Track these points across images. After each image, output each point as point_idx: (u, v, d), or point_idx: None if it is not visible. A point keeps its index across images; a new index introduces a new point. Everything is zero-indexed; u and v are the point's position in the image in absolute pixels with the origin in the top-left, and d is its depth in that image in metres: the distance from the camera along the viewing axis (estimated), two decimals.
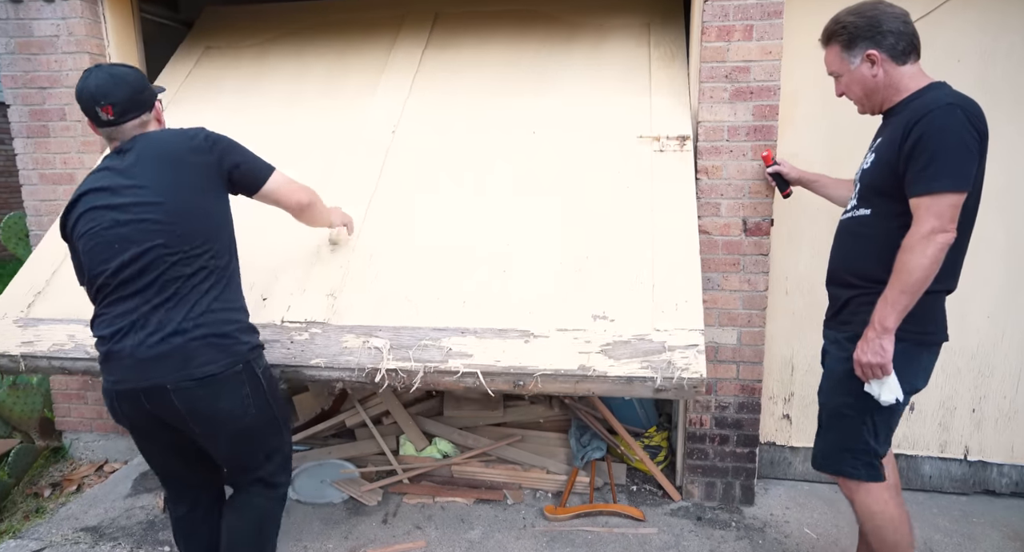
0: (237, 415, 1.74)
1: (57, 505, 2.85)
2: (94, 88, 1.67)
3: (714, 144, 2.49)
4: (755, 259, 2.54)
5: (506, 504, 2.74)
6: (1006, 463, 2.71)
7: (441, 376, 1.95)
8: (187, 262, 1.68)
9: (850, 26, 1.78)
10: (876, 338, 1.69)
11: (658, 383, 1.85)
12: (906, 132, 1.66)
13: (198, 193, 1.72)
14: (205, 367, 1.67)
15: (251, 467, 1.89)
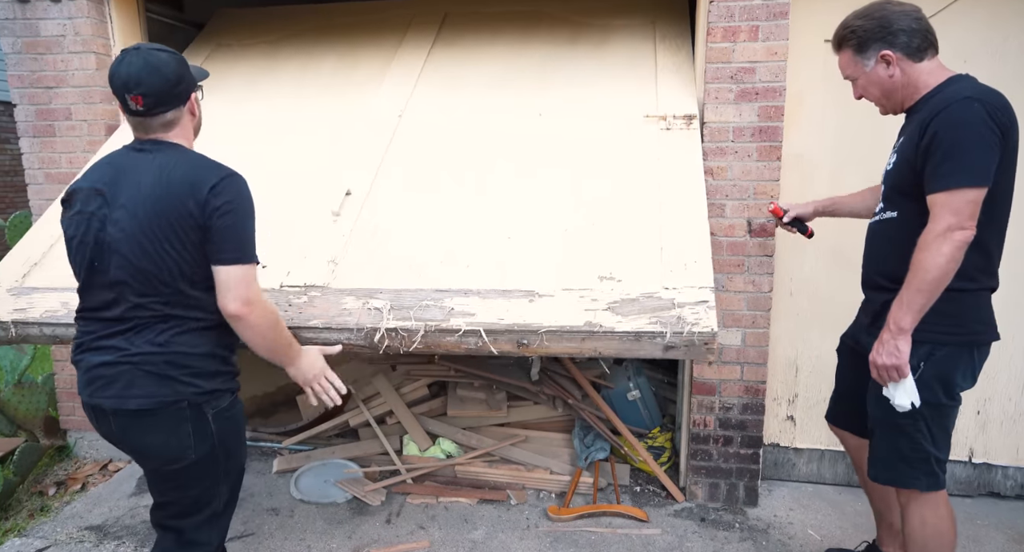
0: (170, 455, 1.62)
1: (62, 504, 2.86)
2: (126, 75, 1.54)
3: (719, 145, 2.49)
4: (760, 260, 2.54)
5: (510, 504, 2.74)
6: (1011, 465, 2.70)
7: (442, 336, 1.88)
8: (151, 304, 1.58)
9: (859, 30, 1.77)
10: (891, 339, 1.66)
11: (667, 338, 1.78)
12: (923, 129, 1.63)
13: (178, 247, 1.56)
14: (140, 399, 1.57)
15: (171, 513, 1.74)
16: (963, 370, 1.73)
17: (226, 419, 1.68)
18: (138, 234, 1.54)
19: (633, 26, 3.03)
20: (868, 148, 2.49)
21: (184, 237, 1.55)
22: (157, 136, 1.63)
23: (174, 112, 1.62)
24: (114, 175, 1.61)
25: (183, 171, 1.56)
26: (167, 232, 1.54)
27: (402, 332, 1.90)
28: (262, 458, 3.15)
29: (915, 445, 1.77)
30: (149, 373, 1.57)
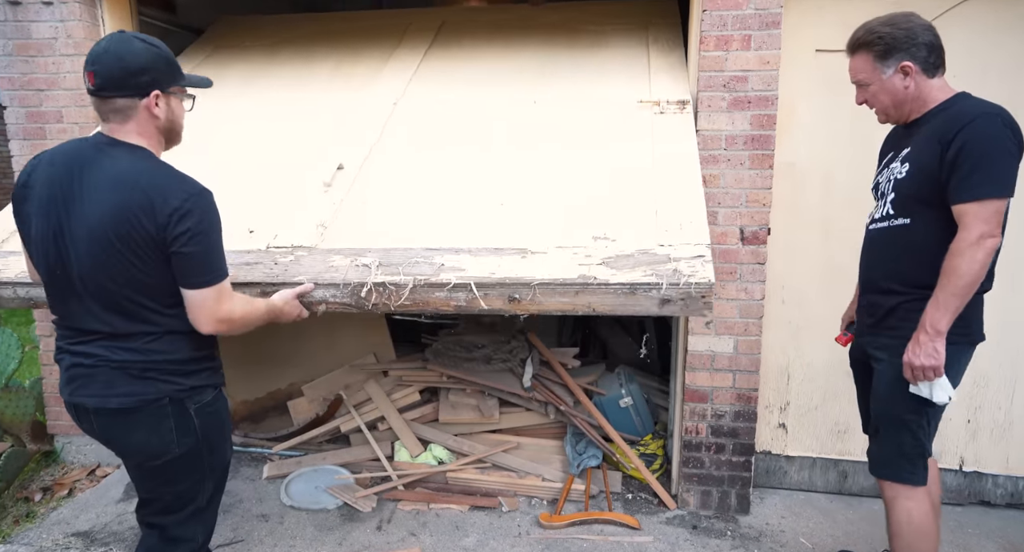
0: (152, 451, 1.61)
1: (48, 510, 2.82)
2: (95, 50, 1.52)
3: (712, 153, 2.50)
4: (752, 268, 2.55)
5: (501, 511, 2.73)
6: (1001, 474, 2.71)
7: (431, 291, 1.84)
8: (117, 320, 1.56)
9: (887, 37, 1.79)
10: (929, 341, 1.72)
11: (663, 290, 1.75)
12: (947, 141, 1.69)
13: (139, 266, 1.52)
14: (121, 398, 1.56)
15: (155, 509, 1.73)
16: (962, 367, 1.84)
17: (209, 414, 1.67)
18: (97, 253, 1.50)
19: (627, 29, 3.11)
20: (858, 157, 2.50)
21: (145, 258, 1.50)
22: (113, 126, 1.56)
23: (125, 100, 1.53)
24: (70, 175, 1.53)
25: (143, 190, 1.48)
26: (126, 254, 1.49)
27: (390, 286, 1.85)
28: (252, 464, 3.12)
29: (916, 441, 1.86)
30: (129, 374, 1.56)
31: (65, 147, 1.60)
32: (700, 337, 2.63)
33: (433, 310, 1.90)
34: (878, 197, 1.95)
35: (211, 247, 1.55)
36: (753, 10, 2.39)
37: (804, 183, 2.62)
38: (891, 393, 1.87)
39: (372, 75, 2.97)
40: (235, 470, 3.06)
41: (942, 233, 1.74)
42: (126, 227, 1.48)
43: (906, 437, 1.87)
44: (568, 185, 2.20)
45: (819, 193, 2.61)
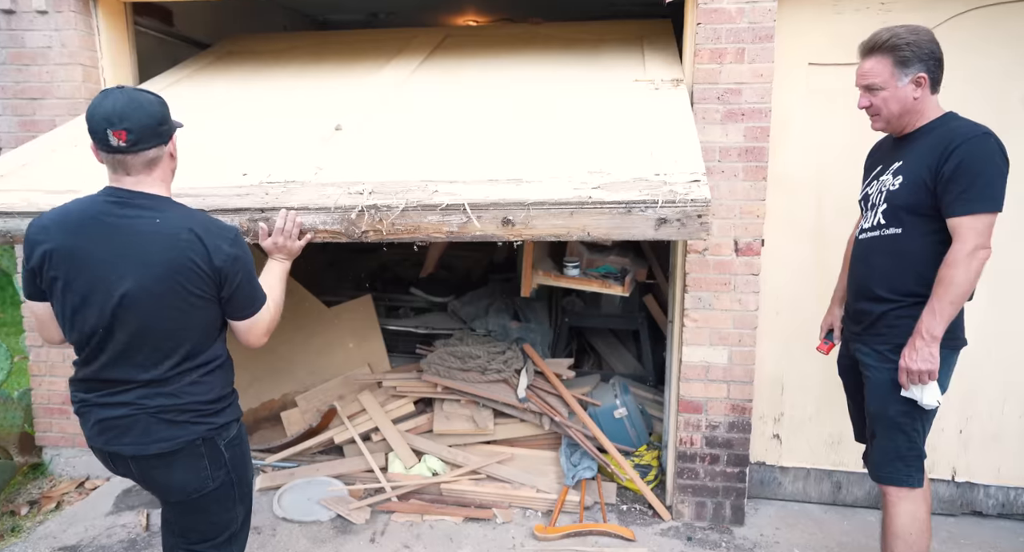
0: (191, 488, 1.69)
1: (35, 523, 2.78)
2: (110, 110, 1.51)
3: (706, 164, 2.50)
4: (746, 279, 2.56)
5: (496, 523, 2.71)
6: (992, 484, 2.73)
7: (424, 214, 1.83)
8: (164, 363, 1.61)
9: (912, 45, 1.83)
10: (926, 346, 1.80)
11: (659, 208, 1.72)
12: (943, 157, 1.78)
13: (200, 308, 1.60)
14: (160, 443, 1.62)
15: (193, 540, 1.80)
16: (950, 371, 1.90)
17: (236, 447, 1.76)
18: (151, 308, 1.56)
19: (622, 39, 3.22)
20: (851, 169, 2.52)
21: (198, 304, 1.60)
22: (140, 178, 1.58)
23: (156, 150, 1.58)
24: (103, 236, 1.55)
25: (194, 240, 1.56)
26: (181, 304, 1.57)
27: (382, 208, 1.84)
28: None
29: (912, 444, 1.93)
30: (164, 420, 1.62)
31: (80, 209, 1.59)
32: (694, 348, 2.63)
33: (424, 238, 1.88)
34: (867, 208, 2.01)
35: (254, 278, 1.69)
36: (747, 24, 2.42)
37: (797, 195, 2.64)
38: (884, 397, 1.93)
39: (375, 69, 3.07)
40: None
41: (932, 243, 1.83)
42: (182, 278, 1.55)
43: (901, 440, 1.92)
44: (564, 136, 2.25)
45: (812, 204, 2.63)
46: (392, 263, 4.98)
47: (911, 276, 1.87)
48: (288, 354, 3.48)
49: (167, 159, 1.64)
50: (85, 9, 2.87)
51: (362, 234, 1.88)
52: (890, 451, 1.95)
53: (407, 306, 4.09)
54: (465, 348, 3.20)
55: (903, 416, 1.90)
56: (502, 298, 3.85)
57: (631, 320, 3.76)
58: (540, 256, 3.39)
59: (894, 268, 1.90)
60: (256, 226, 1.90)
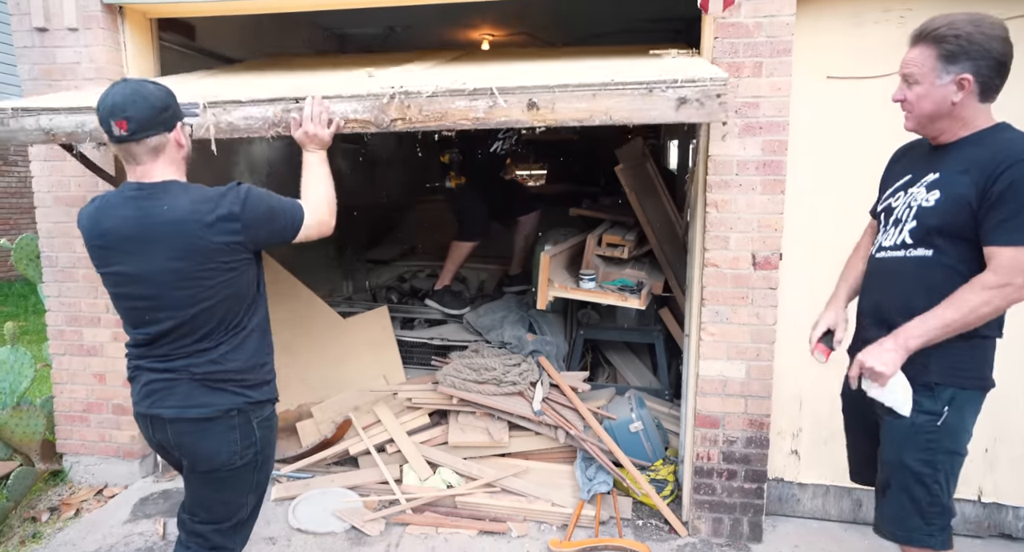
0: (219, 459, 1.76)
1: (55, 530, 2.81)
2: (112, 102, 1.61)
3: (723, 178, 2.51)
4: (764, 293, 2.54)
5: (510, 536, 2.70)
6: (1022, 506, 2.66)
7: (452, 100, 1.94)
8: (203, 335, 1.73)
9: (964, 38, 1.56)
10: (892, 352, 1.60)
11: (679, 86, 1.80)
12: (992, 175, 1.54)
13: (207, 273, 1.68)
14: (199, 408, 1.72)
15: (202, 517, 1.85)
16: (976, 415, 1.70)
17: (267, 428, 1.83)
18: (184, 287, 1.67)
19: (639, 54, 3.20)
20: (870, 183, 2.50)
21: (225, 273, 1.69)
22: (147, 167, 1.68)
23: (159, 138, 1.65)
24: (127, 230, 1.67)
25: (195, 218, 1.64)
26: (209, 277, 1.67)
27: (412, 93, 1.95)
28: None
29: (933, 498, 1.67)
30: (205, 386, 1.73)
31: (110, 204, 1.72)
32: (712, 362, 2.61)
33: (451, 125, 1.98)
34: (888, 222, 1.78)
35: (274, 205, 1.76)
36: (765, 38, 2.42)
37: (816, 209, 2.62)
38: (901, 444, 1.69)
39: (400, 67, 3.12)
40: None
41: (967, 272, 1.60)
42: (200, 257, 1.65)
43: (920, 493, 1.68)
44: (587, 71, 2.26)
45: (832, 219, 2.61)
46: (408, 275, 5.00)
47: (936, 304, 1.62)
48: (303, 365, 3.50)
49: (173, 146, 1.70)
50: (113, 25, 2.94)
51: (391, 122, 1.98)
52: (907, 505, 1.69)
53: (422, 318, 4.11)
54: (480, 360, 3.21)
55: (924, 465, 1.65)
56: (517, 310, 3.85)
57: (647, 333, 3.74)
58: (556, 268, 3.39)
59: (918, 296, 1.65)
60: (288, 116, 2.03)
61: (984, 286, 1.55)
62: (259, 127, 2.12)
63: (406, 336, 3.81)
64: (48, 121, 2.24)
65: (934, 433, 1.65)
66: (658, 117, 1.85)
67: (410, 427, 3.14)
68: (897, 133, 1.91)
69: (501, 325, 3.62)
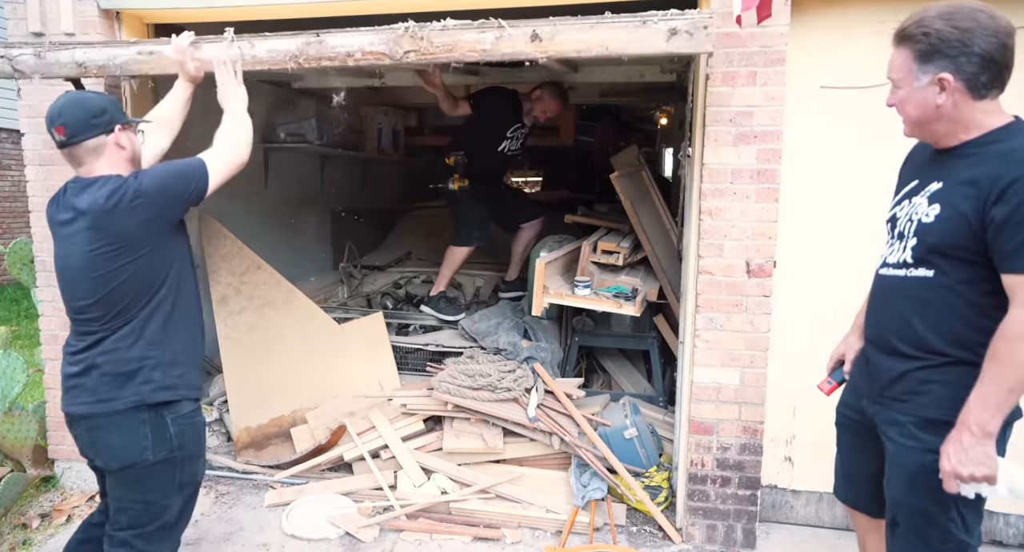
0: (129, 457, 1.77)
1: (45, 536, 2.79)
2: (51, 112, 1.78)
3: (718, 186, 2.53)
4: (758, 300, 2.56)
5: (505, 542, 2.69)
6: (1013, 513, 2.67)
7: (462, 32, 2.08)
8: (108, 313, 1.79)
9: (934, 35, 1.42)
10: (977, 445, 1.39)
11: (670, 18, 1.96)
12: (998, 188, 1.37)
13: (116, 256, 1.76)
14: (106, 403, 1.76)
15: (122, 523, 1.84)
16: (1004, 446, 1.51)
17: (185, 426, 1.84)
18: (91, 276, 1.76)
19: None
20: (864, 192, 2.53)
21: (131, 263, 1.76)
22: (89, 167, 1.80)
23: (96, 140, 1.78)
24: (62, 221, 1.80)
25: (105, 208, 1.73)
26: (117, 268, 1.75)
27: (424, 26, 2.08)
28: (254, 491, 3.09)
29: (945, 535, 1.54)
30: (110, 380, 1.76)
31: (56, 197, 1.88)
32: (706, 369, 2.63)
33: (460, 57, 2.12)
34: (895, 236, 1.64)
35: (174, 175, 1.84)
36: (759, 47, 2.45)
37: (810, 217, 2.64)
38: (909, 483, 1.56)
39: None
40: (236, 498, 3.03)
41: (972, 294, 1.46)
42: (105, 247, 1.74)
43: (932, 533, 1.55)
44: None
45: (825, 227, 2.63)
46: (403, 281, 5.01)
47: (942, 333, 1.49)
48: (298, 370, 3.49)
49: (113, 148, 1.82)
50: (110, 30, 2.95)
51: (404, 54, 2.11)
52: (917, 545, 1.57)
53: (417, 324, 4.11)
54: (475, 366, 3.21)
55: (933, 505, 1.52)
56: (513, 317, 3.86)
57: (642, 340, 3.75)
58: (551, 275, 3.41)
59: (920, 319, 1.53)
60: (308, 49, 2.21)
61: (1016, 328, 1.36)
62: (280, 60, 2.27)
63: (401, 342, 3.81)
64: (82, 54, 2.39)
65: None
66: (651, 47, 2.01)
67: (405, 433, 3.14)
68: (890, 143, 1.93)
69: (496, 331, 3.63)
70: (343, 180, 5.70)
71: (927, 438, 1.52)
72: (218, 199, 3.81)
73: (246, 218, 4.13)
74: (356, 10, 2.92)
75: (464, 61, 2.17)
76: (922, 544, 1.58)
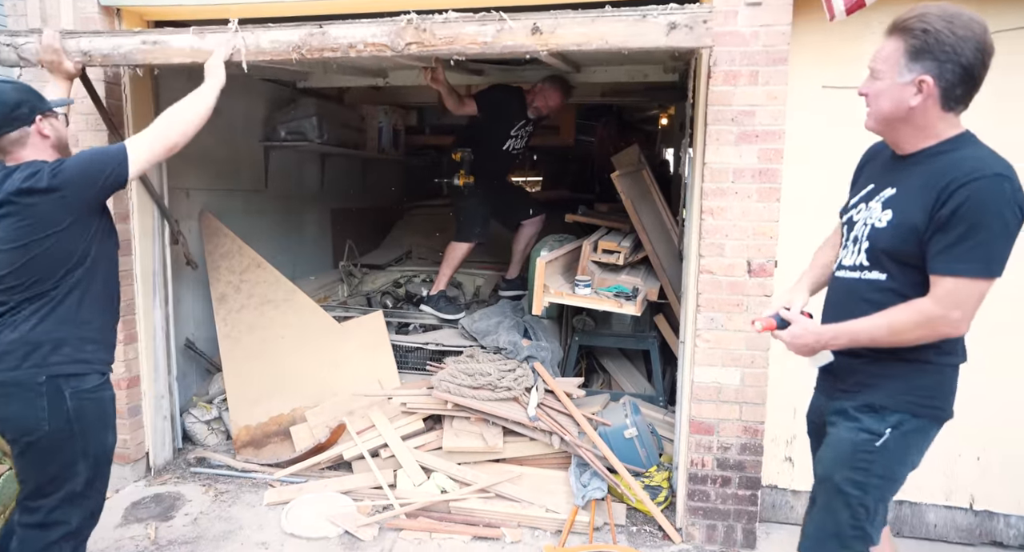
0: (25, 427, 1.83)
1: None
2: None
3: (719, 186, 2.53)
4: (759, 300, 2.55)
5: (505, 542, 2.69)
6: (1013, 514, 2.67)
7: (464, 24, 2.12)
8: (22, 284, 1.84)
9: (932, 33, 1.41)
10: (817, 340, 1.61)
11: (670, 12, 2.00)
12: (942, 197, 1.41)
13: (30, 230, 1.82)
14: (9, 372, 1.81)
15: (28, 492, 1.89)
16: (924, 446, 1.62)
17: (86, 400, 1.88)
18: (4, 237, 1.82)
19: None
20: None
21: (45, 239, 1.81)
22: (16, 156, 1.87)
23: (17, 133, 1.85)
24: None
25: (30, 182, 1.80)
26: (32, 242, 1.81)
27: (427, 17, 2.12)
28: (253, 490, 3.09)
29: (856, 521, 1.61)
30: (18, 350, 1.81)
31: None
32: (706, 368, 2.62)
33: (461, 50, 2.15)
34: (849, 238, 1.69)
35: (93, 161, 1.88)
36: (761, 47, 2.44)
37: (811, 217, 2.63)
38: (835, 459, 1.64)
39: None
40: (235, 496, 3.03)
41: (920, 297, 1.50)
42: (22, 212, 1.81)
43: (843, 515, 1.61)
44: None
45: (826, 227, 2.61)
46: (403, 280, 5.00)
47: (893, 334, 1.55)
48: (298, 369, 3.49)
49: (36, 137, 1.89)
50: (110, 27, 2.94)
51: (406, 46, 2.15)
52: (827, 525, 1.63)
53: (417, 323, 4.11)
54: (476, 365, 3.20)
55: (853, 486, 1.58)
56: (513, 316, 3.85)
57: (642, 339, 3.74)
58: (552, 274, 3.40)
59: None
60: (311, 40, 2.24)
61: (919, 311, 1.47)
62: (283, 50, 2.30)
63: (401, 341, 3.81)
64: (88, 43, 2.43)
65: (871, 454, 1.59)
66: (651, 41, 2.04)
67: (404, 432, 3.13)
68: None
69: (496, 330, 3.62)
70: (343, 179, 5.69)
71: (864, 419, 1.60)
72: (218, 197, 3.87)
73: (246, 216, 4.12)
74: (358, 7, 2.91)
75: (466, 54, 2.20)
76: (832, 524, 1.63)
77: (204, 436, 3.53)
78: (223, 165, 3.95)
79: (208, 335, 3.72)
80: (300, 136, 4.44)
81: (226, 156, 4.03)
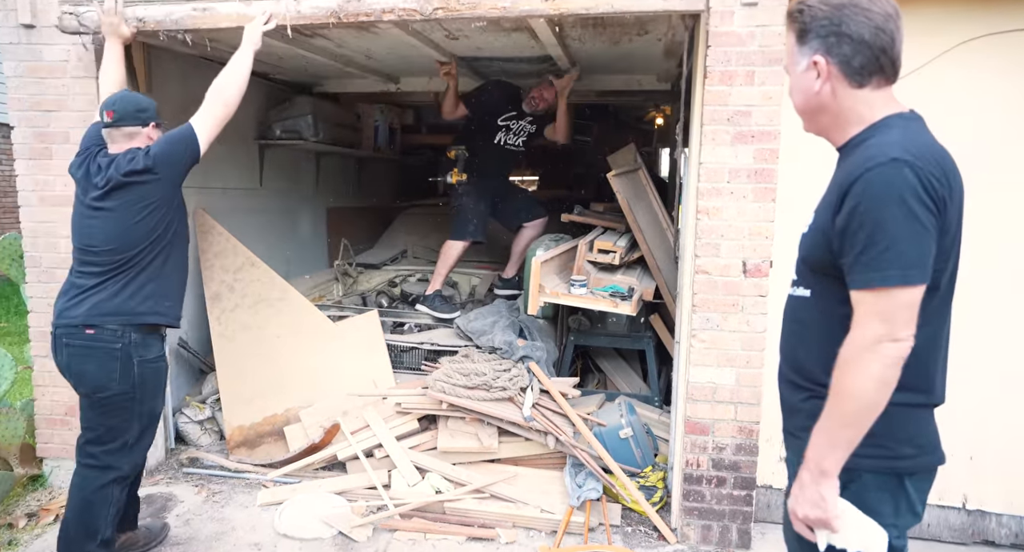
0: (99, 384, 2.17)
1: (32, 536, 2.76)
2: (108, 99, 2.31)
3: (715, 186, 2.52)
4: (754, 300, 2.55)
5: (499, 542, 2.68)
6: (1005, 513, 2.68)
7: (474, 6, 2.41)
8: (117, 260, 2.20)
9: (807, 12, 1.28)
10: (813, 484, 1.21)
11: None
12: (841, 195, 1.21)
13: (130, 215, 2.20)
14: (89, 329, 2.16)
15: (90, 438, 2.24)
16: (893, 503, 1.27)
17: (148, 369, 2.24)
18: (106, 224, 2.21)
19: None
20: None
21: (143, 213, 2.20)
22: (120, 147, 2.25)
23: (132, 128, 2.26)
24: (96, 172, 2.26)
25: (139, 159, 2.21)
26: (132, 216, 2.20)
27: None
28: (246, 490, 3.07)
29: None
30: (104, 314, 2.17)
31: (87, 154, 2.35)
32: (702, 368, 2.62)
33: (483, 14, 2.44)
34: None
35: (174, 140, 2.27)
36: (757, 47, 2.44)
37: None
38: (785, 518, 1.36)
39: None
40: (228, 497, 3.01)
41: (840, 317, 1.23)
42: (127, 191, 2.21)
43: None
44: None
45: None
46: (399, 279, 4.98)
47: (816, 359, 1.30)
48: (292, 369, 3.47)
49: (143, 138, 2.28)
50: None
51: (433, 11, 2.45)
52: None
53: (412, 322, 4.09)
54: (471, 365, 3.19)
55: (802, 547, 1.33)
56: (508, 316, 3.84)
57: (638, 339, 3.74)
58: (547, 274, 3.39)
59: (801, 344, 1.37)
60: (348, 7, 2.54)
61: (851, 351, 1.18)
62: (322, 15, 2.59)
63: (396, 340, 3.79)
64: (143, 10, 2.68)
65: None
66: (651, 5, 2.34)
67: (399, 432, 3.12)
68: None
69: (492, 330, 3.61)
70: (339, 177, 5.66)
71: None
72: (212, 195, 3.85)
73: (240, 215, 4.10)
74: None
75: (486, 18, 2.49)
76: None
77: (197, 436, 3.50)
78: (217, 163, 3.92)
79: (201, 335, 3.70)
80: (295, 134, 4.42)
81: (220, 154, 4.00)
